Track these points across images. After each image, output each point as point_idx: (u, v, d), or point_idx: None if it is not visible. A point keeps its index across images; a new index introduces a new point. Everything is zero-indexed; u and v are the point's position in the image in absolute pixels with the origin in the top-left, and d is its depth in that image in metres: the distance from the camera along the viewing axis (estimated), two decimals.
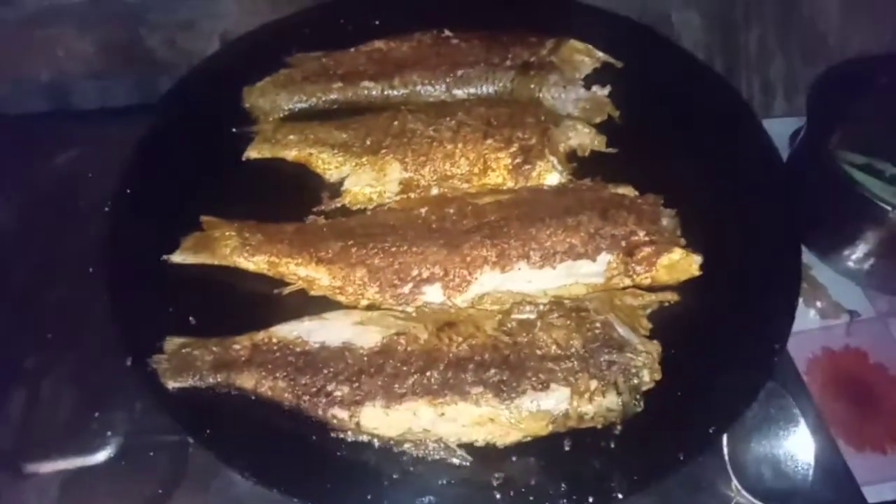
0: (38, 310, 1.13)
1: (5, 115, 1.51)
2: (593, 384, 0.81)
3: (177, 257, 0.99)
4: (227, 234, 1.01)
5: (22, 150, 1.36)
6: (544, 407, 0.80)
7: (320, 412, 0.83)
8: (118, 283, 0.96)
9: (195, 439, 0.83)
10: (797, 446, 0.95)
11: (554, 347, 0.84)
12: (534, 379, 0.81)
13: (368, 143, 1.12)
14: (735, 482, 0.94)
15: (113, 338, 0.95)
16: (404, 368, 0.85)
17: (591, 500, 0.78)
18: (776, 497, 0.93)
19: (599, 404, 0.80)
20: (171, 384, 0.86)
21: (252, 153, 1.13)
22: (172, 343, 0.90)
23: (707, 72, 1.23)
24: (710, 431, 0.83)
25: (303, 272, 0.98)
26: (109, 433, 0.99)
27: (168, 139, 1.14)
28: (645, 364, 0.82)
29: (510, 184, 1.09)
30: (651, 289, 0.96)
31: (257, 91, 1.20)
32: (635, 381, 0.81)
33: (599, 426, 0.81)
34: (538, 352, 0.84)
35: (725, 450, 0.93)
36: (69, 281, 1.15)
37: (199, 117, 1.16)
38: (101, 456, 0.97)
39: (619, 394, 0.81)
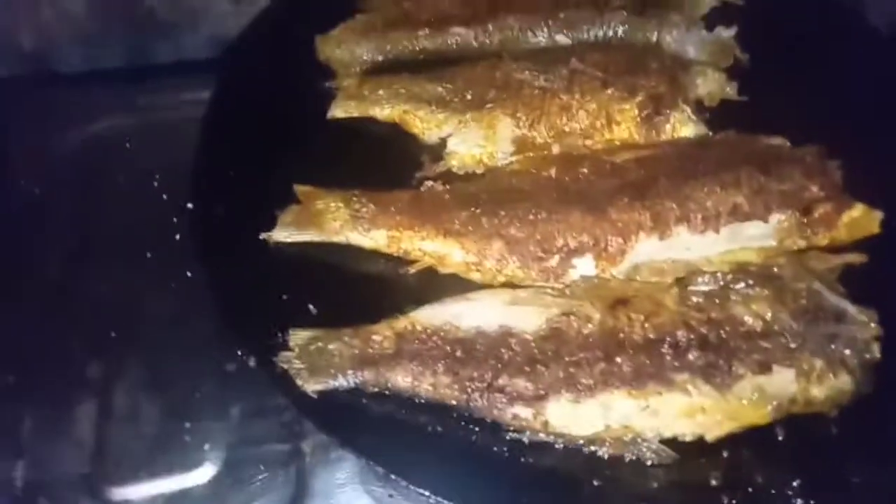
0: (90, 304, 0.96)
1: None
2: (818, 363, 0.70)
3: (278, 234, 0.84)
4: (332, 205, 0.86)
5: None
6: (769, 392, 0.69)
7: (496, 411, 0.70)
8: (219, 270, 0.80)
9: (358, 453, 0.68)
10: None
11: (760, 322, 0.72)
12: (748, 360, 0.70)
13: (470, 97, 0.98)
14: None
15: (206, 334, 0.83)
16: (585, 355, 0.72)
17: (832, 495, 0.67)
18: None
19: (832, 386, 0.69)
20: (312, 386, 0.71)
21: (337, 112, 0.98)
22: (299, 337, 0.75)
23: (835, 5, 1.11)
24: None
25: (430, 247, 0.84)
26: (207, 446, 0.84)
27: (238, 102, 0.97)
28: (873, 335, 0.71)
29: (638, 138, 0.96)
30: (828, 249, 0.85)
31: (334, 40, 1.03)
32: (867, 355, 0.70)
33: (827, 411, 0.70)
34: (741, 328, 0.72)
35: None
36: (124, 268, 0.99)
37: (270, 74, 1.00)
38: (203, 474, 0.83)
39: (849, 373, 0.70)
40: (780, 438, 0.71)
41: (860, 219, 0.85)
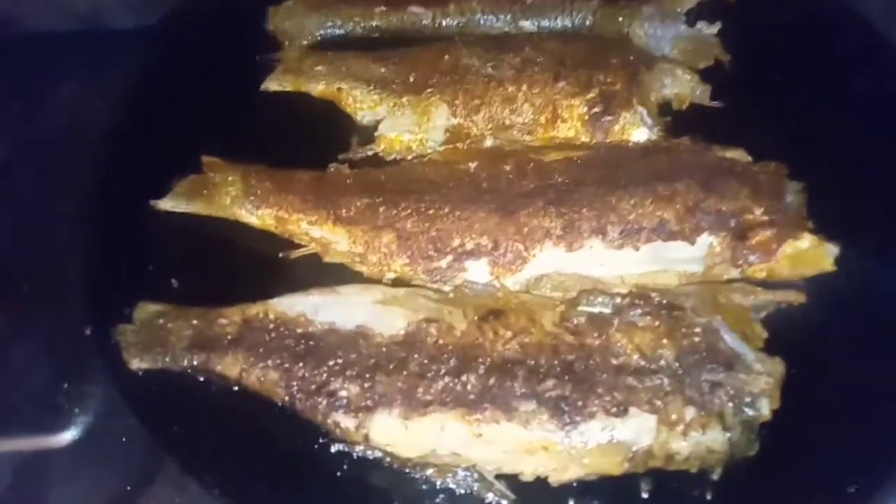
0: (19, 258, 0.97)
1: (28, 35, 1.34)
2: (690, 413, 0.59)
3: (166, 203, 0.81)
4: (229, 179, 0.82)
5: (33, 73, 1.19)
6: (620, 438, 0.59)
7: (320, 417, 0.64)
8: (93, 231, 0.78)
9: (155, 438, 0.65)
10: None
11: (636, 357, 0.62)
12: (607, 398, 0.60)
13: (412, 79, 0.92)
14: None
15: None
16: (432, 367, 0.65)
17: None
18: None
19: (697, 442, 0.59)
20: (136, 363, 0.68)
21: (272, 85, 0.94)
22: (145, 310, 0.72)
23: (841, 8, 0.96)
24: (851, 491, 0.60)
25: (317, 232, 0.79)
26: (77, 410, 0.82)
27: (175, 63, 0.96)
28: (764, 391, 0.60)
29: (584, 138, 0.87)
30: (765, 284, 0.73)
31: (284, 11, 1.00)
32: (750, 413, 0.59)
33: (694, 470, 0.59)
34: (614, 361, 0.63)
35: None
36: (56, 229, 0.99)
37: (214, 40, 0.97)
38: (65, 437, 0.81)
39: (725, 429, 0.58)
40: (643, 496, 0.61)
41: (808, 252, 0.73)
